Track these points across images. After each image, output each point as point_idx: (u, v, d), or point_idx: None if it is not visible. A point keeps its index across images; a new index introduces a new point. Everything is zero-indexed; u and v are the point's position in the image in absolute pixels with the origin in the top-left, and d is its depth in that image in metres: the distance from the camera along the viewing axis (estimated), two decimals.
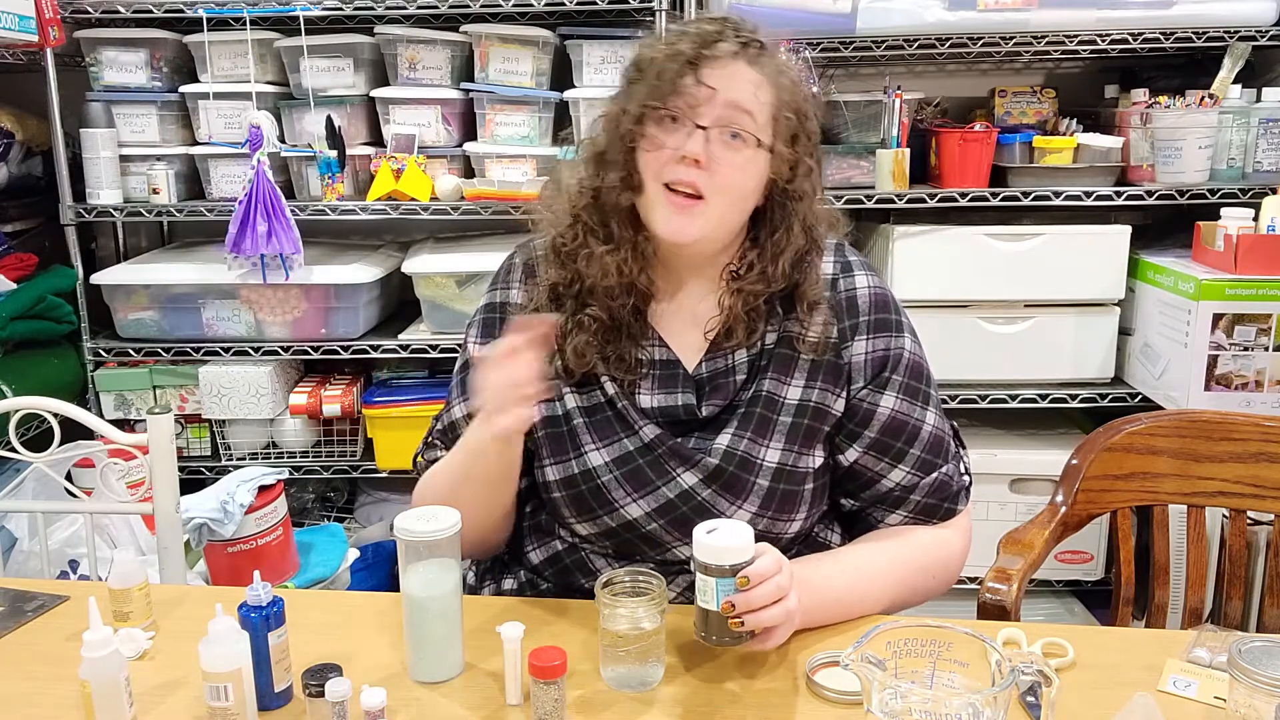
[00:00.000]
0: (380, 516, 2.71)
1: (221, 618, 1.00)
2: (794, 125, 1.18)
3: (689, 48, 1.15)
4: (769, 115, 1.16)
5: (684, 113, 1.15)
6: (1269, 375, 2.10)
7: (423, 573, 1.09)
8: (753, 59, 1.16)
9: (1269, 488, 1.47)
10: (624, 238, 1.22)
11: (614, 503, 1.23)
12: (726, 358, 1.25)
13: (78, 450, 1.79)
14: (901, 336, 1.26)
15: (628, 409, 1.24)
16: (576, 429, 1.26)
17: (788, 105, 1.18)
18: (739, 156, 1.16)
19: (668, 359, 1.26)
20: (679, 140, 1.15)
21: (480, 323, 1.34)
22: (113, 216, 2.47)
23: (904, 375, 1.25)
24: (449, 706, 1.07)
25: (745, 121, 1.15)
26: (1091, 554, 2.41)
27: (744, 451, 1.22)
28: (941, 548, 1.28)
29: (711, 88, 1.14)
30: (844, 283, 1.26)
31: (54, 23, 2.32)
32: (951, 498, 1.28)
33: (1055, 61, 2.69)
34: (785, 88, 1.18)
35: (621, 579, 1.11)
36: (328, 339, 2.46)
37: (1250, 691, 0.94)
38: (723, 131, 1.15)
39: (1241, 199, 2.22)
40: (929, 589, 1.28)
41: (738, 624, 1.02)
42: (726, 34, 1.16)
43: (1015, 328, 2.36)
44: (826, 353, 1.24)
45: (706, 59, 1.14)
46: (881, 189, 2.34)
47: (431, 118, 2.42)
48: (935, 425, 1.27)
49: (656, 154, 1.17)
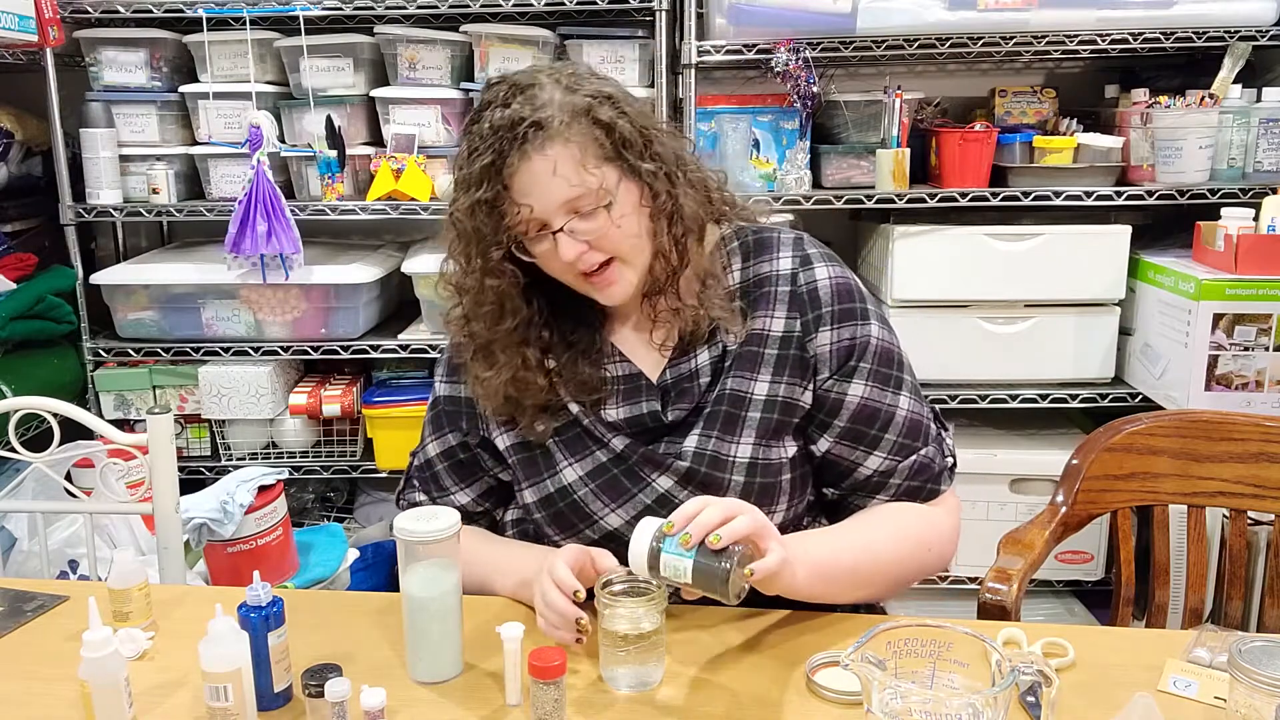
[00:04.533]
0: (380, 516, 2.71)
1: (221, 618, 1.00)
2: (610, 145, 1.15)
3: (485, 190, 1.14)
4: (589, 169, 1.14)
5: (535, 229, 1.17)
6: (1269, 375, 2.10)
7: (423, 573, 1.09)
8: (539, 146, 1.12)
9: (1269, 488, 1.47)
10: (507, 361, 1.23)
11: (593, 515, 1.25)
12: (689, 362, 1.26)
13: (77, 450, 1.80)
14: (868, 324, 1.25)
15: (594, 424, 1.26)
16: (549, 449, 1.27)
17: (594, 139, 1.14)
18: (604, 219, 1.16)
19: (630, 373, 1.27)
20: (552, 249, 1.17)
21: (430, 419, 1.37)
22: (112, 216, 2.47)
23: (872, 362, 1.24)
24: (449, 706, 1.07)
25: (582, 198, 1.14)
26: (1092, 554, 2.41)
27: (713, 450, 1.22)
28: (934, 524, 1.27)
29: (528, 205, 1.14)
30: (804, 275, 1.26)
31: (54, 22, 2.32)
32: (934, 478, 1.27)
33: (1055, 61, 2.69)
34: (580, 132, 1.14)
35: (621, 579, 1.11)
36: (327, 339, 2.46)
37: (1250, 691, 0.94)
38: (576, 217, 1.15)
39: (1242, 199, 2.22)
40: (927, 564, 1.27)
41: (726, 568, 1.01)
42: (502, 145, 1.13)
43: (1015, 328, 2.36)
44: (790, 346, 1.24)
45: (504, 189, 1.14)
46: (881, 189, 2.33)
47: (431, 118, 2.42)
48: (910, 409, 1.26)
49: (551, 267, 1.20)
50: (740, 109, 2.41)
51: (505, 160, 1.13)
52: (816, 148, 2.43)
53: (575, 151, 1.13)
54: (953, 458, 1.32)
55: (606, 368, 1.27)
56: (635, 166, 1.17)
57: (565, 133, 1.13)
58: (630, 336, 1.29)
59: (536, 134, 1.12)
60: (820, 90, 2.33)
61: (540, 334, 1.25)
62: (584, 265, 1.17)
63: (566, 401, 1.26)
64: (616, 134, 1.15)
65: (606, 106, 1.16)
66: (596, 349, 1.27)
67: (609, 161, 1.15)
